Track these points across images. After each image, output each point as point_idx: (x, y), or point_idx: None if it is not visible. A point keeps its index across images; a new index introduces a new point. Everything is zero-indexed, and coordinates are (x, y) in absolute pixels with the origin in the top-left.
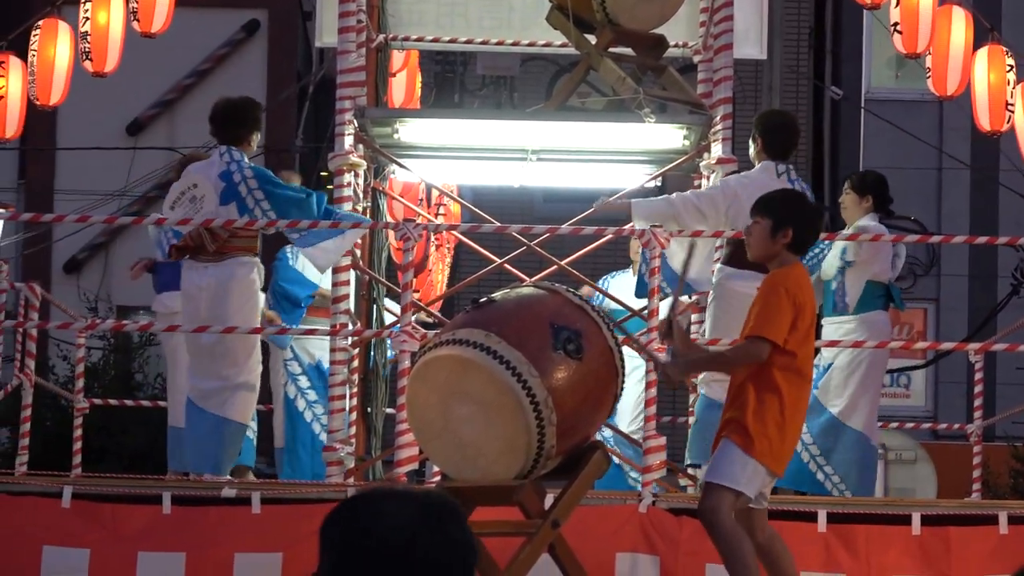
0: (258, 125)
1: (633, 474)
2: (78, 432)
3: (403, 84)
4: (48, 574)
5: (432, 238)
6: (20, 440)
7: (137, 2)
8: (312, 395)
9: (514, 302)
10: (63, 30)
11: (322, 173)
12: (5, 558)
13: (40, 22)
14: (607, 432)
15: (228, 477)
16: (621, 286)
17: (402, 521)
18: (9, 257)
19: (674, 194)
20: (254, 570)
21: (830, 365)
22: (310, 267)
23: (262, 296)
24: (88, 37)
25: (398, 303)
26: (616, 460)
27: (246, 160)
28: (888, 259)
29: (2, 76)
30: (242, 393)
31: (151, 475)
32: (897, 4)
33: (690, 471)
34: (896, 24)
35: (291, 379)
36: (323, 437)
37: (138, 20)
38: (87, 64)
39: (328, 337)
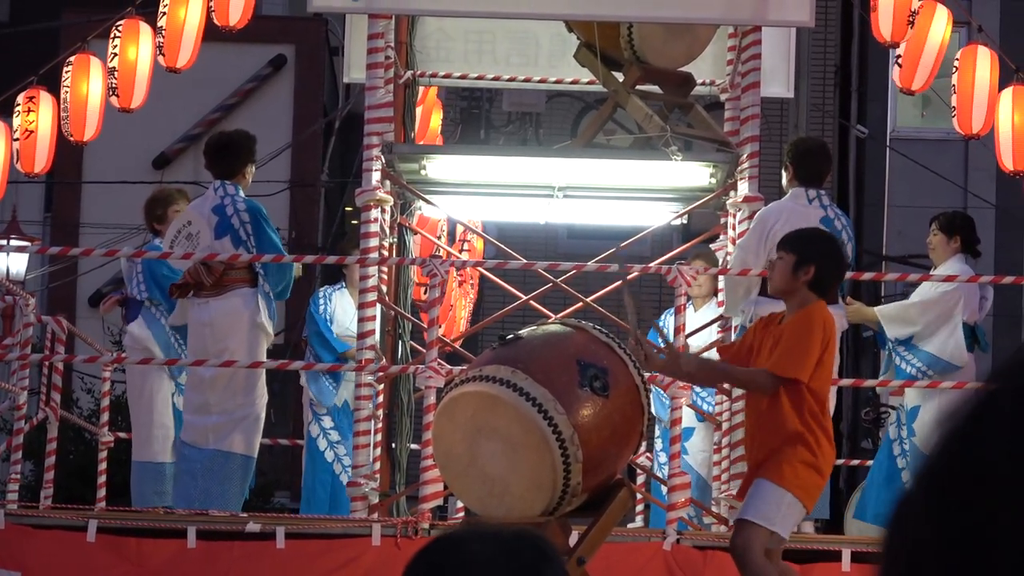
0: (252, 158)
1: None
2: (103, 466)
3: (421, 119)
4: None
5: (455, 274)
6: (45, 473)
7: (164, 37)
8: (335, 435)
9: (541, 339)
10: (95, 65)
11: (346, 208)
12: None
13: (72, 57)
14: None
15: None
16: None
17: (484, 562)
18: (35, 290)
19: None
20: None
21: (916, 407)
22: (341, 315)
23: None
24: (116, 73)
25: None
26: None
27: (241, 194)
28: (975, 301)
29: (32, 111)
30: (244, 426)
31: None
32: (904, 40)
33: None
34: (899, 58)
35: (315, 418)
36: (343, 477)
37: (164, 55)
38: (113, 100)
39: (353, 377)
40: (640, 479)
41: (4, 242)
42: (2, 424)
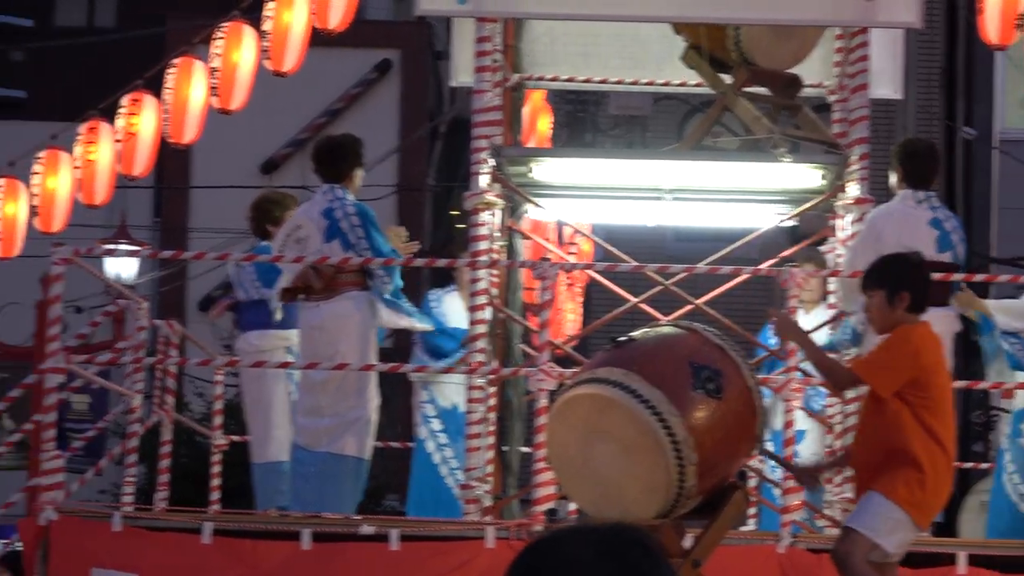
0: (359, 161)
1: None
2: (216, 468)
3: (528, 123)
4: None
5: (563, 277)
6: (159, 476)
7: (269, 41)
8: (443, 438)
9: (653, 341)
10: (198, 68)
11: (452, 212)
12: None
13: (176, 60)
14: None
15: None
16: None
17: (579, 562)
18: (145, 295)
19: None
20: None
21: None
22: (453, 313)
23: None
24: (217, 73)
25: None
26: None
27: (350, 197)
28: None
29: (135, 114)
30: (356, 428)
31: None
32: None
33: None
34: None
35: (424, 421)
36: (449, 481)
37: (270, 59)
38: (214, 100)
39: (463, 381)
40: (752, 482)
41: (115, 247)
42: (115, 428)
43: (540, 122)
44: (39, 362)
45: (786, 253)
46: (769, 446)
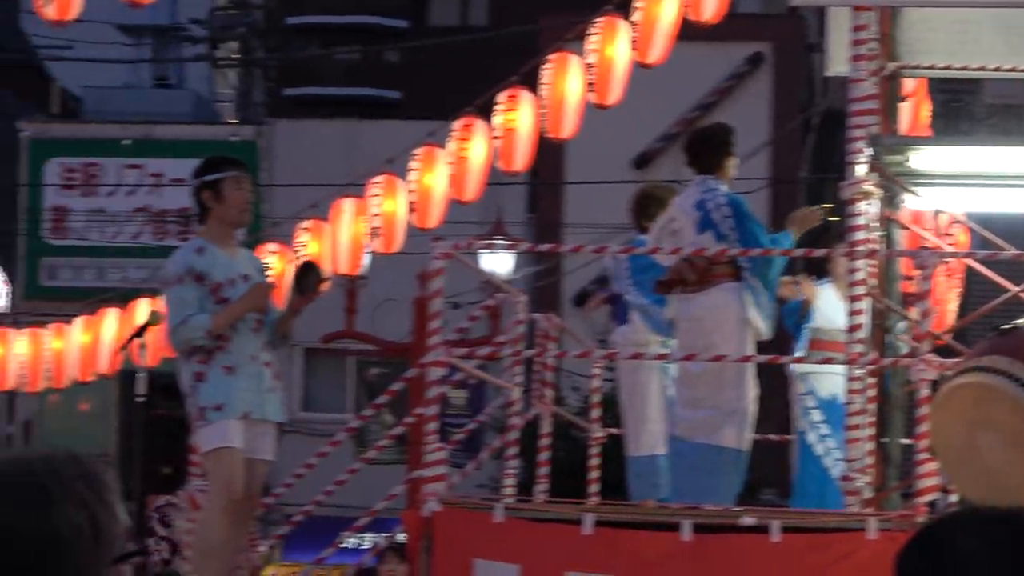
0: (729, 150)
1: None
2: (594, 461)
3: (907, 112)
4: None
5: (942, 267)
6: (537, 469)
7: (637, 32)
8: (824, 429)
9: None
10: (574, 63)
11: (824, 205)
12: None
13: (551, 56)
14: None
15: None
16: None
17: (971, 551)
18: (522, 290)
19: None
20: None
21: None
22: (828, 306)
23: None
24: (593, 69)
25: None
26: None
27: (722, 188)
28: None
29: (512, 110)
30: (735, 420)
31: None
32: None
33: None
34: None
35: (804, 413)
36: (834, 472)
37: (636, 50)
38: (591, 96)
39: (842, 372)
40: None
41: (492, 242)
42: (492, 422)
43: (921, 111)
44: (418, 357)
45: None
46: None
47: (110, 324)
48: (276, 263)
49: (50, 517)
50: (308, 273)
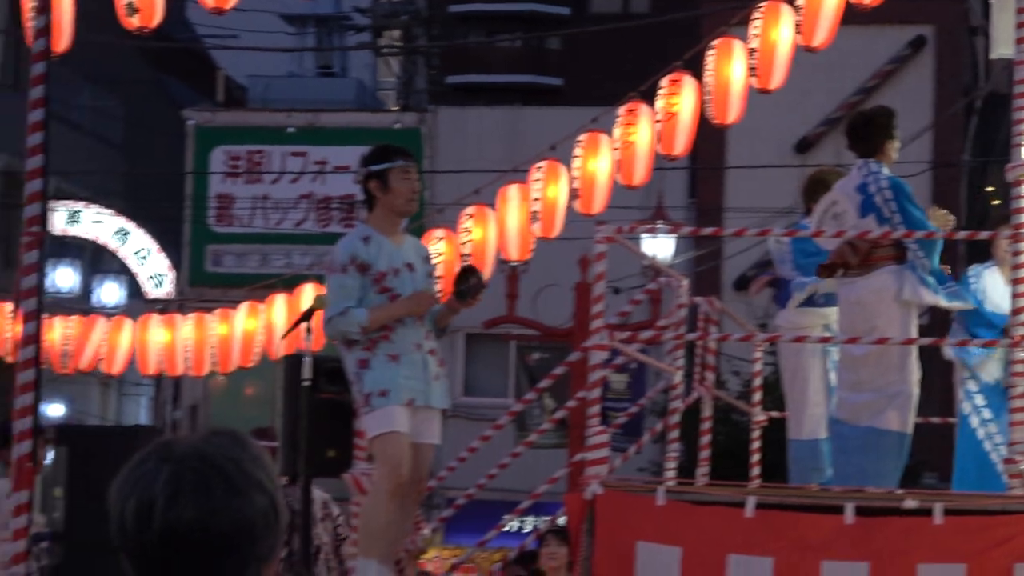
0: (890, 133)
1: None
2: (756, 444)
3: None
4: None
5: None
6: (699, 452)
7: (802, 15)
8: (987, 413)
9: None
10: (738, 48)
11: (987, 188)
12: (691, 564)
13: (715, 42)
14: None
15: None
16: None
17: None
18: (683, 274)
19: None
20: None
21: None
22: (993, 288)
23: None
24: (756, 54)
25: None
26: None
27: (884, 171)
28: None
29: (676, 94)
30: (898, 403)
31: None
32: None
33: None
34: None
35: (967, 397)
36: (994, 456)
37: (800, 34)
38: (753, 81)
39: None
40: None
41: (654, 226)
42: (653, 406)
43: None
44: (579, 341)
45: None
46: None
47: (278, 309)
48: (444, 248)
49: (241, 507)
50: (468, 278)
